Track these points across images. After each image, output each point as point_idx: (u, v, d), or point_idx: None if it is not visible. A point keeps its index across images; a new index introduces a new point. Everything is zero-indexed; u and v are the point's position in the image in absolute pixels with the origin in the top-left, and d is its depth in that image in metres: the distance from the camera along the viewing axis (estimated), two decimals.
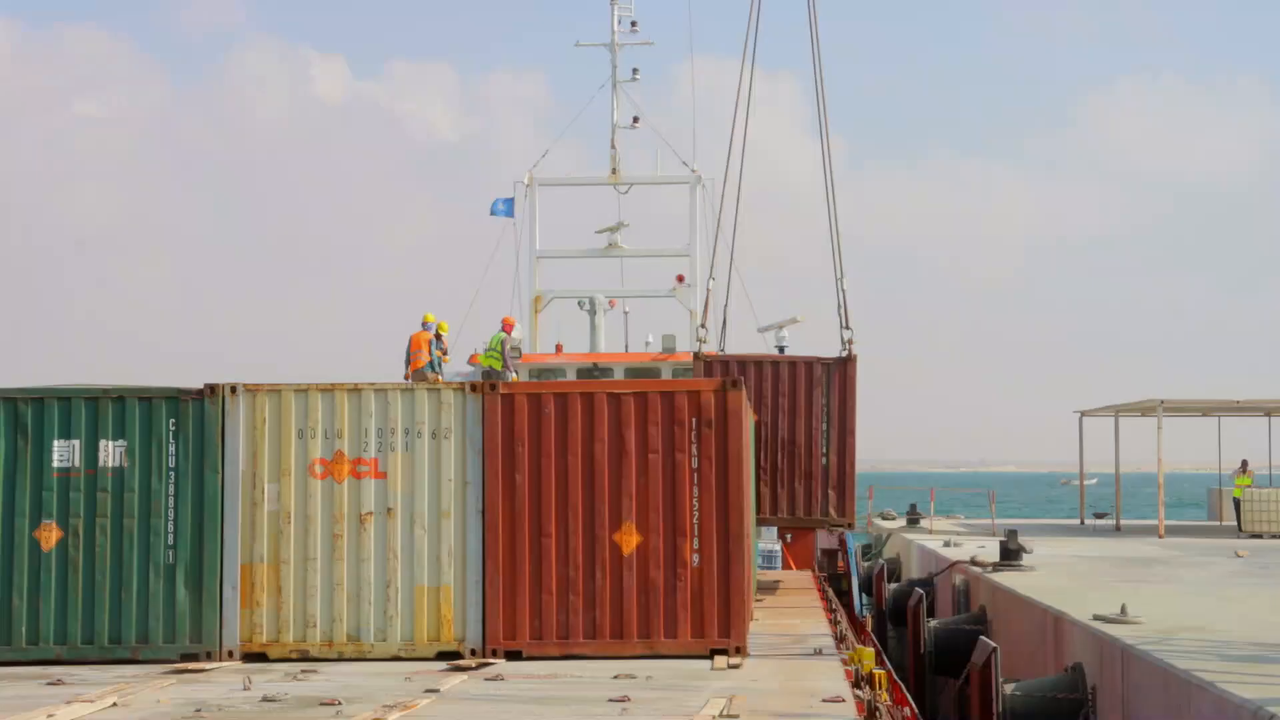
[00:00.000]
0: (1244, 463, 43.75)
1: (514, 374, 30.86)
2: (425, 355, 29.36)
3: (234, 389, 17.25)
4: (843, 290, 28.22)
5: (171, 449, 17.20)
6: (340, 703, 13.70)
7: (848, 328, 27.62)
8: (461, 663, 16.51)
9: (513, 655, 16.81)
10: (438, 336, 30.18)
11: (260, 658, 16.90)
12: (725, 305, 29.06)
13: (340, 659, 16.85)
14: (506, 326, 31.65)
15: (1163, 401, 40.37)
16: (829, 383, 26.66)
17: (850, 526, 27.33)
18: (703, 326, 27.88)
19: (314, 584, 17.02)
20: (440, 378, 29.53)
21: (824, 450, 26.58)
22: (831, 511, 26.72)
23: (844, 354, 27.37)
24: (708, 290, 28.29)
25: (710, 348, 29.35)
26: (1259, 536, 38.98)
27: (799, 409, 26.63)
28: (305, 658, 16.85)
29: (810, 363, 26.92)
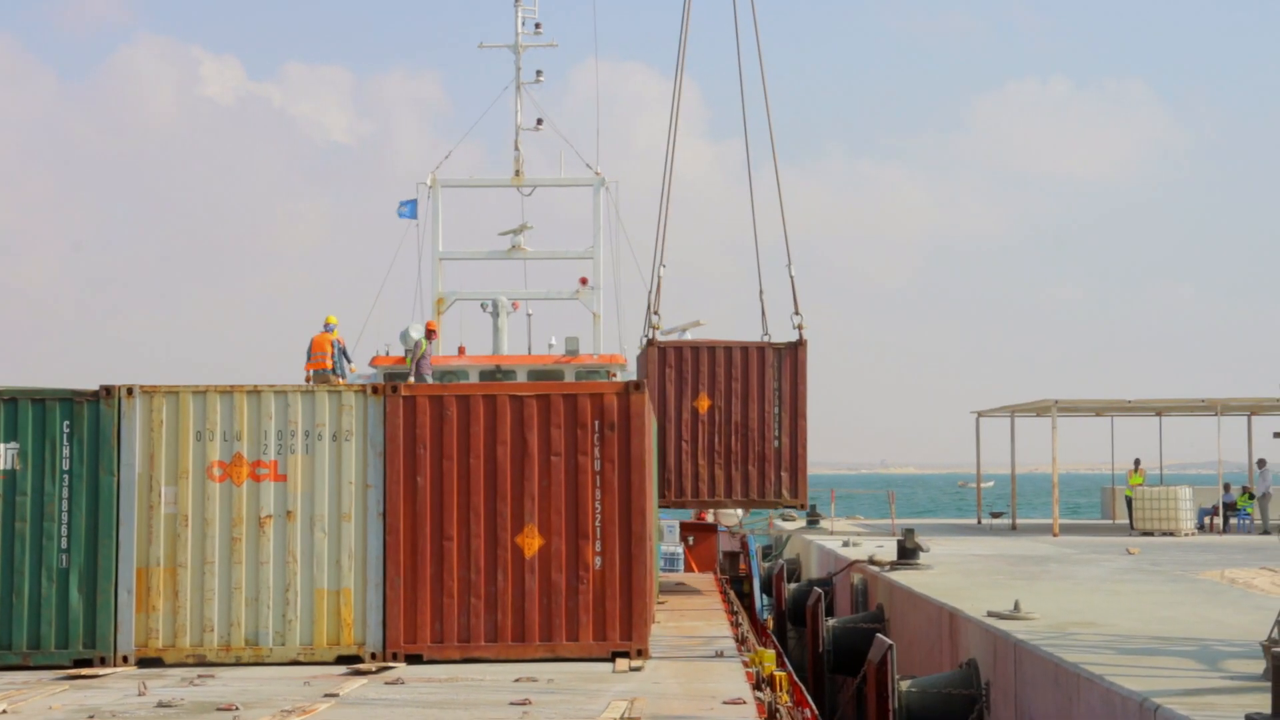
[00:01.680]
0: (1137, 461, 44.70)
1: (428, 376, 30.60)
2: (329, 358, 29.11)
3: (130, 390, 17.04)
4: (791, 276, 28.70)
5: (66, 451, 16.94)
6: (238, 708, 13.60)
7: (798, 313, 28.11)
8: (361, 666, 16.44)
9: (413, 659, 16.76)
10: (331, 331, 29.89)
11: (156, 663, 16.70)
12: (651, 293, 29.40)
13: (238, 664, 16.71)
14: (428, 331, 31.36)
15: (1057, 401, 41.15)
16: (780, 367, 27.14)
17: (803, 506, 27.93)
18: (655, 314, 28.07)
19: (211, 588, 16.85)
20: (343, 380, 29.30)
21: (776, 433, 27.11)
22: (785, 493, 27.26)
23: (782, 339, 27.91)
24: (658, 277, 28.50)
25: (610, 346, 29.39)
26: (1150, 534, 39.82)
27: (751, 393, 27.14)
28: (202, 662, 16.68)
29: (762, 348, 27.44)
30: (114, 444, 16.96)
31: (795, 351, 27.32)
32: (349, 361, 29.57)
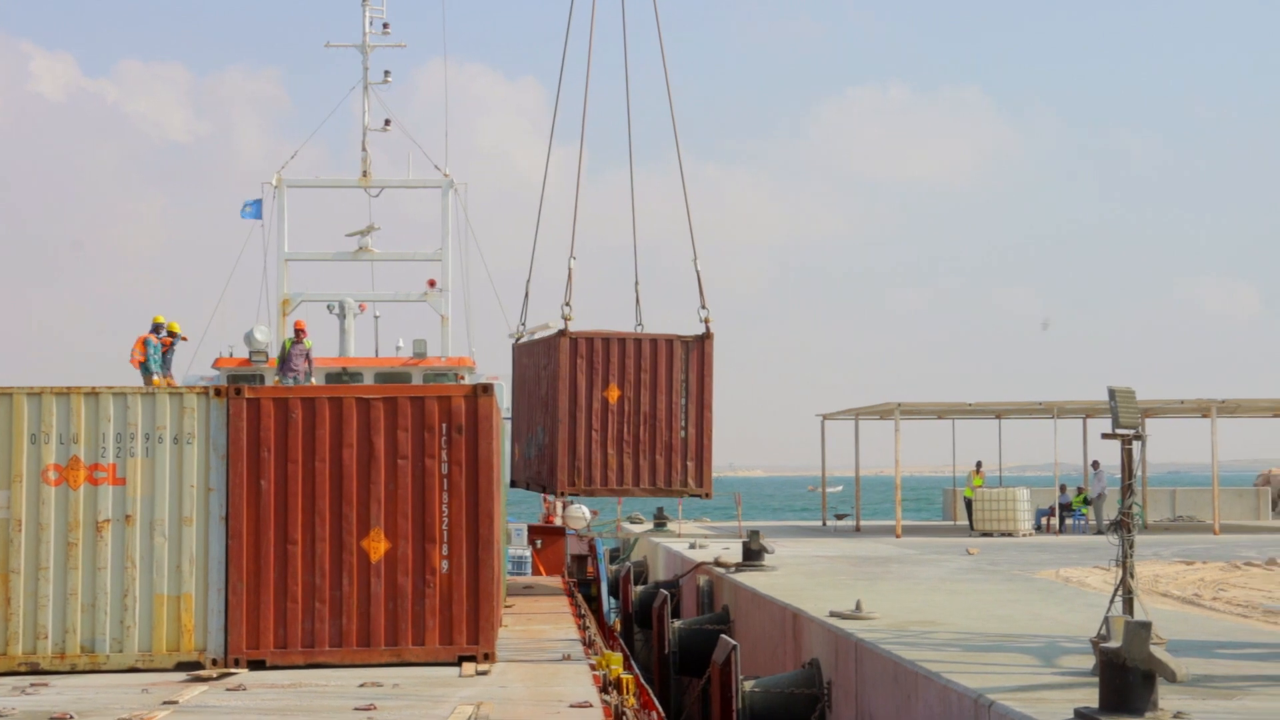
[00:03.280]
0: (979, 464, 45.78)
1: (309, 377, 29.99)
2: (139, 355, 28.52)
3: None
4: (697, 271, 29.08)
5: None
6: (72, 716, 13.29)
7: (704, 306, 28.49)
8: (202, 673, 16.16)
9: (256, 665, 16.51)
10: (171, 336, 29.30)
11: None
12: (525, 295, 29.45)
13: (74, 671, 16.30)
14: (297, 331, 30.70)
15: (900, 404, 41.99)
16: (688, 359, 27.48)
17: (707, 495, 28.21)
18: (567, 305, 28.07)
19: (46, 594, 16.42)
20: (171, 379, 28.73)
21: (683, 423, 27.41)
22: (690, 481, 27.54)
23: (656, 329, 28.25)
24: (569, 269, 28.48)
25: (459, 348, 29.12)
26: (989, 535, 40.81)
27: (660, 384, 27.47)
28: (35, 670, 16.25)
29: (670, 340, 27.79)
30: None
31: (702, 344, 27.77)
32: (158, 368, 28.82)
